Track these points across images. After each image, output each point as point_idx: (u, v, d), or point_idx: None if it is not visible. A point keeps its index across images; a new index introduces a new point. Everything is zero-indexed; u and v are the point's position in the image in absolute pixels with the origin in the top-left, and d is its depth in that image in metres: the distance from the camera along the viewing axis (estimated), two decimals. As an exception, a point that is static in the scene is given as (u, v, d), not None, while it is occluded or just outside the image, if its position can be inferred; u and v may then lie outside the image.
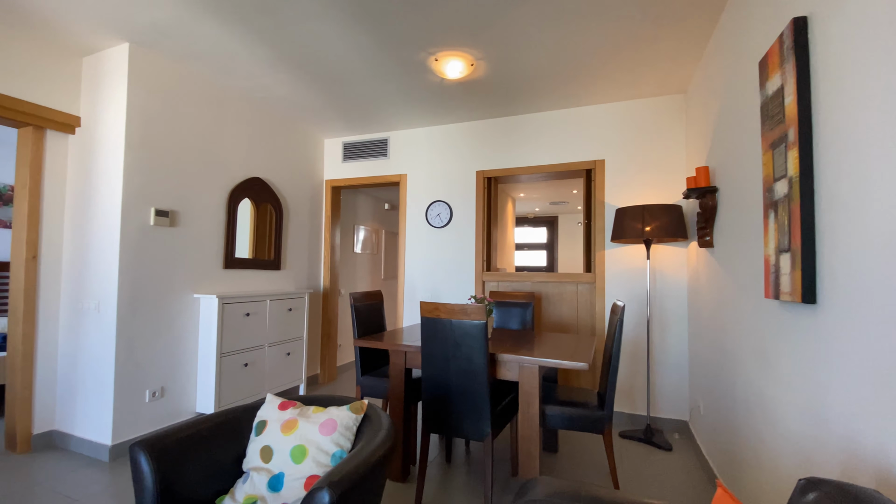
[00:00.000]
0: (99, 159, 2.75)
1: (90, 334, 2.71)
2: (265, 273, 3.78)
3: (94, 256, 2.72)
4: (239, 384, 3.24)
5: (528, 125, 3.76)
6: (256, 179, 3.62)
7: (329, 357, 4.55)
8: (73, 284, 2.80)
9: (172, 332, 2.95)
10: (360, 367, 2.85)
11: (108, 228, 2.68)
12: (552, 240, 9.16)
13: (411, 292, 4.12)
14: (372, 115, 3.84)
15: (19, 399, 2.67)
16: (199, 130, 3.13)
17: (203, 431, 1.53)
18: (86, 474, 2.44)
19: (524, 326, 3.18)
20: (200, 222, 3.15)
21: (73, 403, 2.76)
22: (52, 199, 2.79)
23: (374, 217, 5.68)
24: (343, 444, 1.51)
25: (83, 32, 2.57)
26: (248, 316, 3.32)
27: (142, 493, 1.33)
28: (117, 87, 2.71)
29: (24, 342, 2.68)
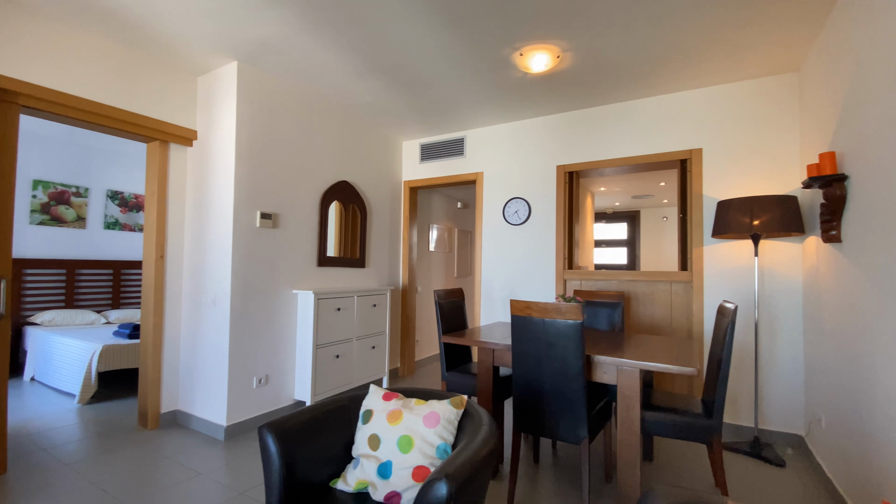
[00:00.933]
0: (213, 168, 3.06)
1: (208, 325, 3.03)
2: (351, 270, 3.98)
3: (211, 256, 3.03)
4: (331, 374, 3.44)
5: (613, 115, 3.58)
6: (344, 183, 3.82)
7: (408, 352, 4.69)
8: (193, 280, 3.14)
9: (275, 324, 3.20)
10: (445, 363, 2.89)
11: (221, 230, 2.97)
12: (633, 236, 8.69)
13: (488, 291, 4.11)
14: (449, 115, 3.88)
15: (150, 381, 3.05)
16: (294, 139, 3.37)
17: (317, 417, 1.64)
18: (204, 451, 2.73)
19: (613, 327, 3.04)
20: (297, 224, 3.39)
21: (192, 387, 3.10)
22: (175, 205, 3.15)
23: (447, 216, 5.76)
24: (446, 437, 1.54)
25: (199, 54, 2.87)
26: (338, 311, 3.51)
27: (269, 471, 1.45)
28: (227, 103, 3.00)
29: (154, 331, 3.06)
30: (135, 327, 4.05)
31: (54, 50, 2.48)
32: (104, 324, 4.91)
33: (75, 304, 5.09)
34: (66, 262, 4.99)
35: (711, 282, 3.16)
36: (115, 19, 2.47)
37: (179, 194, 3.18)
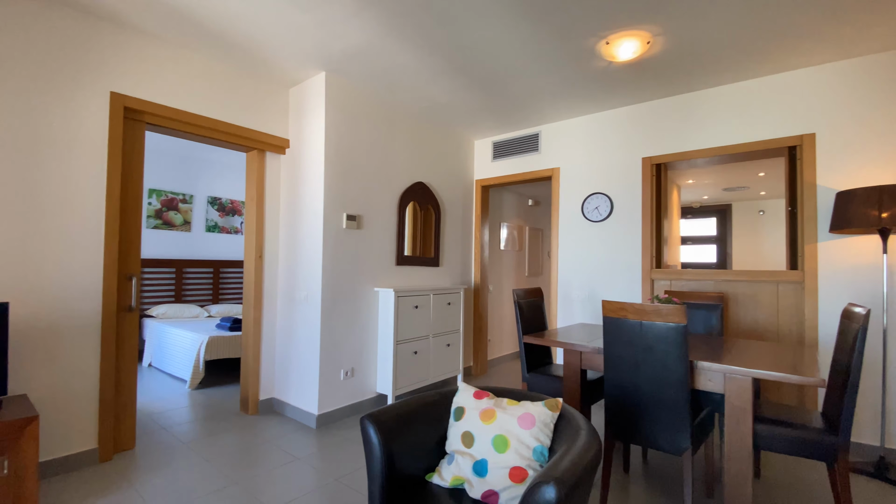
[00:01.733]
0: (304, 174, 3.27)
1: (301, 320, 3.24)
2: (427, 269, 4.06)
3: (303, 255, 3.24)
4: (410, 370, 3.54)
5: (707, 101, 3.32)
6: (420, 184, 3.91)
7: (481, 350, 4.69)
8: (287, 278, 3.38)
9: (359, 320, 3.35)
10: (526, 364, 2.85)
11: (312, 232, 3.17)
12: (724, 232, 7.99)
13: (565, 291, 4.00)
14: (524, 111, 3.82)
15: (251, 370, 3.33)
16: (374, 144, 3.50)
17: (410, 411, 1.68)
18: (298, 437, 2.92)
19: (710, 331, 2.82)
20: (377, 224, 3.52)
21: (287, 377, 3.34)
22: (270, 209, 3.41)
23: (518, 214, 5.68)
24: (543, 439, 1.51)
25: (291, 67, 3.08)
26: (416, 308, 3.60)
27: (371, 460, 1.52)
28: (317, 112, 3.18)
29: (254, 325, 3.33)
30: (234, 321, 4.45)
31: (171, 71, 2.78)
32: (207, 317, 5.45)
33: (183, 299, 5.70)
34: (175, 261, 5.60)
35: (827, 282, 2.82)
36: (223, 41, 2.72)
37: (274, 199, 3.44)
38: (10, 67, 2.19)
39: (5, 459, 1.82)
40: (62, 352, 2.35)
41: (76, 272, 2.39)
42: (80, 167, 2.40)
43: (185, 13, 2.42)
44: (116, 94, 2.52)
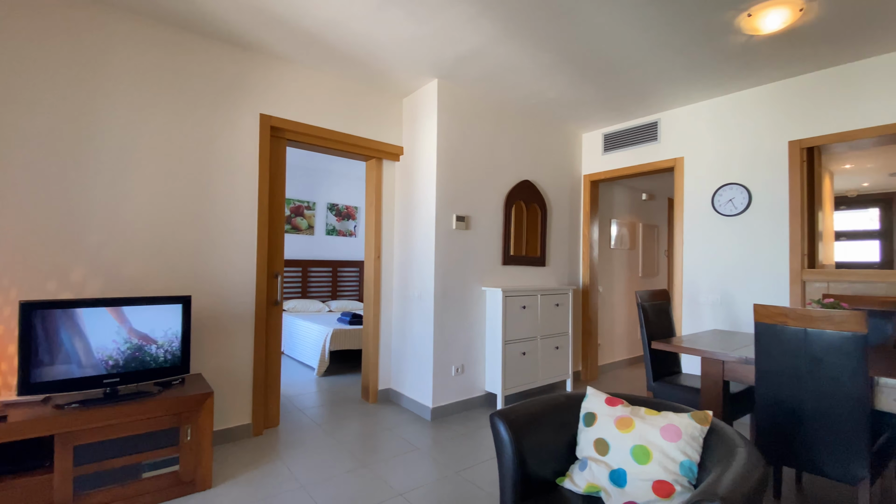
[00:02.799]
0: (416, 178, 3.43)
1: (414, 317, 3.41)
2: (533, 269, 3.99)
3: (416, 255, 3.40)
4: (518, 371, 3.51)
5: (874, 72, 2.77)
6: (526, 182, 3.86)
7: (591, 355, 4.48)
8: (402, 277, 3.57)
9: (467, 319, 3.42)
10: (652, 372, 2.65)
11: (425, 233, 3.31)
12: (889, 225, 6.63)
13: (692, 294, 3.63)
14: (640, 99, 3.56)
15: (371, 362, 3.58)
16: (481, 144, 3.54)
17: (537, 413, 1.66)
18: (415, 428, 3.07)
19: (885, 342, 2.35)
20: (484, 224, 3.56)
21: (402, 369, 3.53)
22: (386, 213, 3.64)
23: (630, 210, 5.31)
24: (691, 454, 1.39)
25: (405, 78, 3.25)
26: (524, 308, 3.56)
27: (503, 458, 1.53)
28: (429, 118, 3.32)
29: (373, 320, 3.58)
30: (353, 315, 4.84)
31: (305, 91, 3.11)
32: (328, 311, 6.00)
33: (308, 295, 6.35)
34: (301, 261, 6.27)
35: None
36: (348, 60, 2.97)
37: (389, 203, 3.66)
38: (193, 99, 2.63)
39: (189, 427, 2.19)
40: (225, 339, 2.77)
41: (236, 271, 2.80)
42: (238, 181, 2.81)
43: (318, 38, 2.68)
44: (265, 115, 2.89)
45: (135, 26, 2.46)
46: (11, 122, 2.14)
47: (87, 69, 2.32)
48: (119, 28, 2.41)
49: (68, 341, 1.98)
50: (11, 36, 2.14)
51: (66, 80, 2.27)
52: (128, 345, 2.13)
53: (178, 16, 2.47)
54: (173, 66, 2.58)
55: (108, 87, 2.38)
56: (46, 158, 2.22)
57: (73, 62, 2.29)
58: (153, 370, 2.19)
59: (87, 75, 2.32)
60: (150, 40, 2.50)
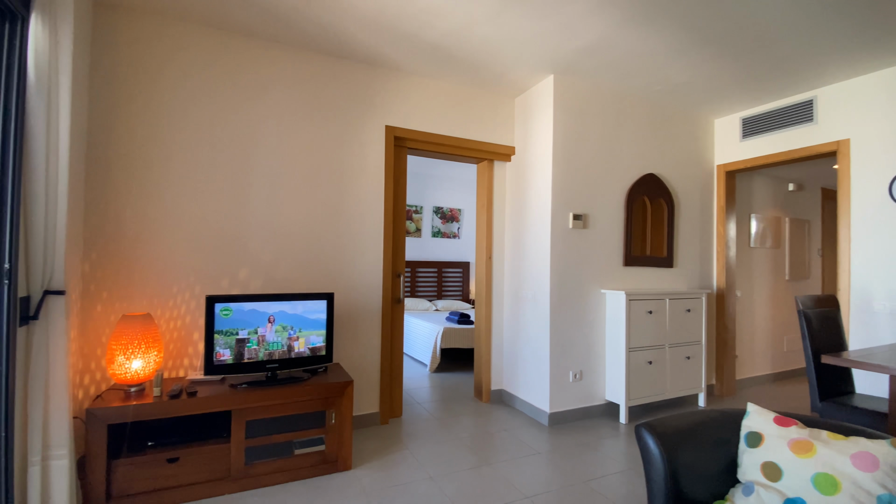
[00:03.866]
0: (529, 178, 3.39)
1: (528, 319, 3.36)
2: (658, 271, 3.68)
3: (529, 256, 3.36)
4: (643, 381, 3.26)
5: None
6: (650, 176, 3.58)
7: (727, 367, 3.99)
8: (514, 278, 3.55)
9: (585, 323, 3.27)
10: (818, 391, 2.27)
11: (539, 233, 3.25)
12: None
13: (863, 300, 3.03)
14: (790, 75, 3.08)
15: (483, 362, 3.62)
16: (600, 138, 3.37)
17: (689, 427, 1.51)
18: (533, 432, 3.01)
19: None
20: (603, 223, 3.38)
21: (514, 371, 3.50)
22: (497, 213, 3.65)
23: (773, 202, 4.63)
24: (892, 487, 1.15)
25: (518, 78, 3.22)
26: (650, 314, 3.30)
27: (652, 475, 1.42)
28: (544, 115, 3.25)
29: (485, 320, 3.61)
30: (462, 315, 4.94)
31: (422, 99, 3.25)
32: (434, 310, 6.22)
33: (416, 294, 6.66)
34: (410, 262, 6.58)
35: None
36: (462, 66, 3.05)
37: (500, 204, 3.67)
38: (328, 116, 2.92)
39: (333, 412, 2.41)
40: (357, 333, 3.01)
41: (366, 270, 3.03)
42: (366, 189, 3.04)
43: (439, 48, 2.80)
44: (389, 126, 3.09)
45: (281, 54, 2.80)
46: (196, 154, 2.58)
47: (246, 101, 2.71)
48: (269, 55, 2.77)
49: (240, 329, 2.32)
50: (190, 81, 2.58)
51: (230, 110, 2.67)
52: (284, 334, 2.42)
53: (318, 42, 2.76)
54: (313, 87, 2.89)
55: (263, 112, 2.75)
56: (221, 181, 2.63)
57: (234, 95, 2.69)
58: (303, 358, 2.47)
59: (247, 107, 2.71)
60: (294, 66, 2.84)
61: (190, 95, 2.56)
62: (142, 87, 2.46)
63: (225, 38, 2.65)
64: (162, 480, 2.05)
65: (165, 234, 2.49)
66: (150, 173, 2.46)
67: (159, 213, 2.48)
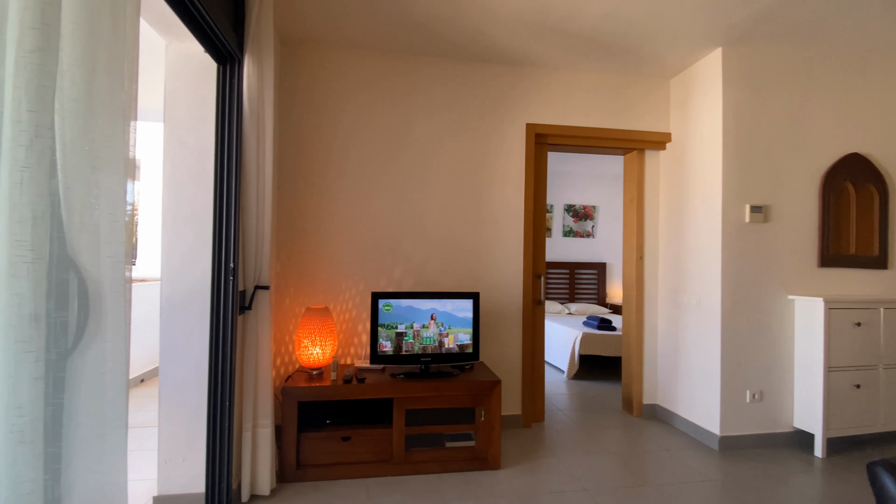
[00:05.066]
0: (691, 166, 3.01)
1: (690, 327, 2.98)
2: (867, 273, 2.95)
3: (692, 256, 2.97)
4: (848, 408, 2.64)
5: None
6: (854, 156, 2.89)
7: (979, 402, 3.01)
8: (670, 280, 3.19)
9: (767, 334, 2.78)
10: None
11: (706, 229, 2.85)
12: None
13: None
14: None
15: (633, 373, 3.32)
16: (783, 115, 2.83)
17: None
18: (699, 455, 2.65)
19: None
20: (789, 215, 2.83)
21: (672, 385, 3.14)
22: (650, 208, 3.32)
23: None
24: None
25: (675, 57, 2.88)
26: (857, 326, 2.66)
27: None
28: (709, 94, 2.86)
29: (636, 327, 3.31)
30: (601, 320, 4.64)
31: (563, 93, 3.12)
32: (567, 314, 5.95)
33: (547, 297, 6.47)
34: (541, 263, 6.42)
35: None
36: (610, 51, 2.84)
37: (653, 197, 3.33)
38: (469, 118, 2.99)
39: (482, 409, 2.44)
40: (499, 332, 3.02)
41: (506, 271, 3.03)
42: (507, 190, 3.03)
43: (584, 37, 2.65)
44: (530, 124, 3.04)
45: (429, 67, 2.95)
46: (361, 166, 2.86)
47: (400, 113, 2.92)
48: (420, 70, 2.94)
49: (398, 324, 2.50)
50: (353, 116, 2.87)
51: (387, 123, 2.90)
52: (436, 330, 2.54)
53: (463, 50, 2.84)
54: (456, 95, 2.98)
55: (413, 122, 2.93)
56: (380, 189, 2.88)
57: (390, 109, 2.91)
58: (452, 354, 2.56)
59: (400, 118, 2.92)
60: (440, 76, 2.96)
61: (354, 115, 2.86)
62: (315, 110, 2.82)
63: (381, 59, 2.89)
64: (338, 455, 2.31)
65: (337, 238, 2.82)
66: (325, 185, 2.81)
67: (333, 220, 2.82)
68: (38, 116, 0.65)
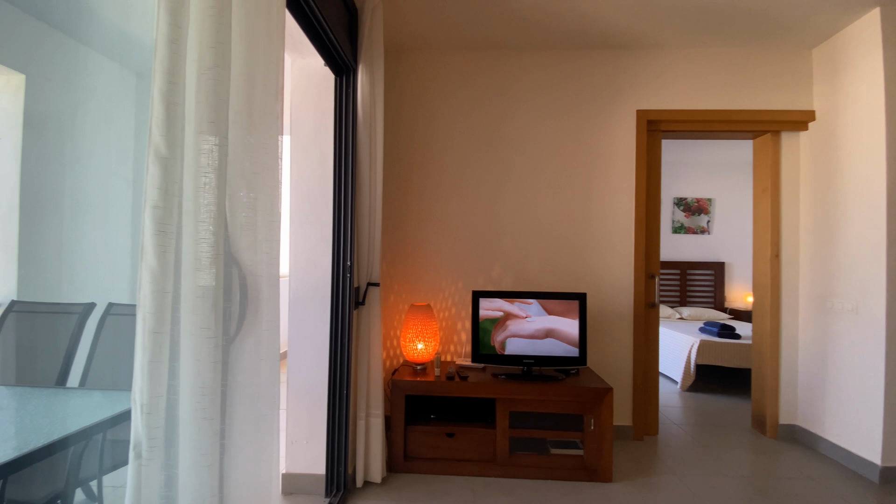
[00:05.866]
0: (843, 149, 2.54)
1: (843, 336, 2.52)
2: None
3: (845, 253, 2.51)
4: None
5: None
6: None
7: None
8: (815, 282, 2.73)
9: (959, 350, 2.24)
10: None
11: (864, 222, 2.39)
12: None
13: None
14: None
15: (767, 388, 2.89)
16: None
17: None
18: (854, 487, 2.23)
19: None
20: None
21: (819, 404, 2.68)
22: (787, 199, 2.88)
23: None
24: None
25: (817, 23, 2.46)
26: None
27: None
28: (864, 64, 2.39)
29: (770, 335, 2.88)
30: (722, 327, 4.14)
31: (679, 74, 2.83)
32: (678, 319, 5.42)
33: (653, 299, 5.96)
34: (646, 263, 5.94)
35: None
36: (734, 23, 2.51)
37: (791, 186, 2.87)
38: (572, 108, 2.86)
39: (591, 418, 2.31)
40: (606, 337, 2.83)
41: (614, 270, 2.83)
42: (615, 182, 2.84)
43: (706, 8, 2.37)
44: (641, 110, 2.81)
45: (528, 59, 2.87)
46: (460, 165, 2.89)
47: (499, 108, 2.88)
48: (518, 62, 2.88)
49: (498, 322, 2.47)
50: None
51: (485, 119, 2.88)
52: (539, 331, 2.46)
53: (564, 38, 2.72)
54: (558, 85, 2.86)
55: (512, 117, 2.88)
56: (478, 187, 2.88)
57: (488, 105, 2.88)
58: (555, 357, 2.46)
59: (499, 114, 2.88)
60: (541, 67, 2.87)
61: (450, 114, 2.89)
62: (414, 112, 2.90)
63: (477, 56, 2.89)
64: (442, 451, 2.34)
65: (436, 237, 2.87)
66: (424, 184, 2.89)
67: (431, 218, 2.88)
68: (216, 127, 0.73)
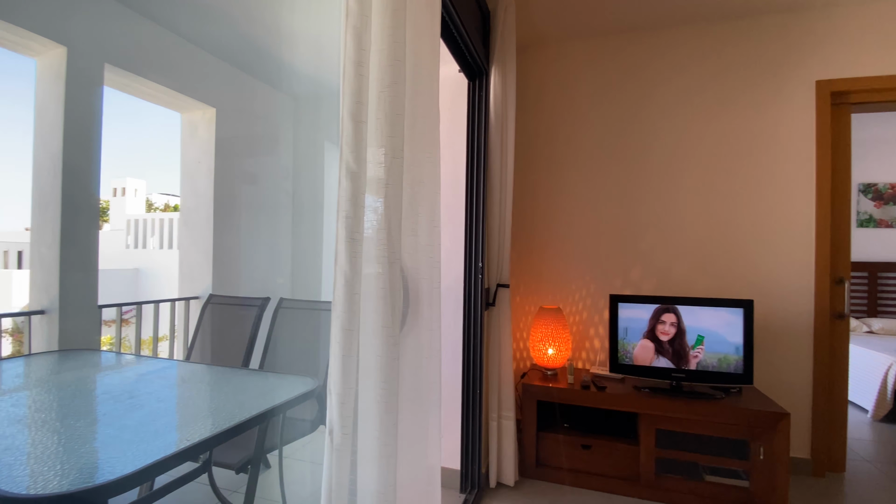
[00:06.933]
0: None
1: None
2: None
3: None
4: None
5: None
6: None
7: None
8: None
9: None
10: None
11: None
12: None
13: None
14: None
15: None
16: None
17: None
18: None
19: None
20: None
21: None
22: None
23: None
24: None
25: None
26: None
27: None
28: None
29: None
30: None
31: (871, 32, 2.26)
32: (866, 332, 4.40)
33: (829, 308, 4.92)
34: (818, 264, 4.93)
35: None
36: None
37: None
38: (732, 87, 2.48)
39: (761, 446, 1.97)
40: (775, 352, 2.40)
41: (787, 273, 2.39)
42: (789, 169, 2.39)
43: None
44: (822, 81, 2.33)
45: (669, 38, 2.57)
46: (592, 161, 2.72)
47: (636, 97, 2.64)
48: (655, 42, 2.60)
49: (642, 330, 2.26)
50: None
51: (621, 112, 2.67)
52: (690, 343, 2.19)
53: (717, 7, 2.38)
54: (710, 63, 2.52)
55: (653, 106, 2.61)
56: (614, 184, 2.68)
57: (624, 95, 2.66)
58: (710, 373, 2.16)
59: (637, 104, 2.64)
60: (686, 46, 2.55)
61: (579, 106, 2.73)
62: (542, 107, 2.81)
63: (606, 42, 2.68)
64: (577, 462, 2.23)
65: (565, 236, 2.75)
66: (552, 182, 2.78)
67: (560, 217, 2.77)
68: (392, 141, 0.77)
